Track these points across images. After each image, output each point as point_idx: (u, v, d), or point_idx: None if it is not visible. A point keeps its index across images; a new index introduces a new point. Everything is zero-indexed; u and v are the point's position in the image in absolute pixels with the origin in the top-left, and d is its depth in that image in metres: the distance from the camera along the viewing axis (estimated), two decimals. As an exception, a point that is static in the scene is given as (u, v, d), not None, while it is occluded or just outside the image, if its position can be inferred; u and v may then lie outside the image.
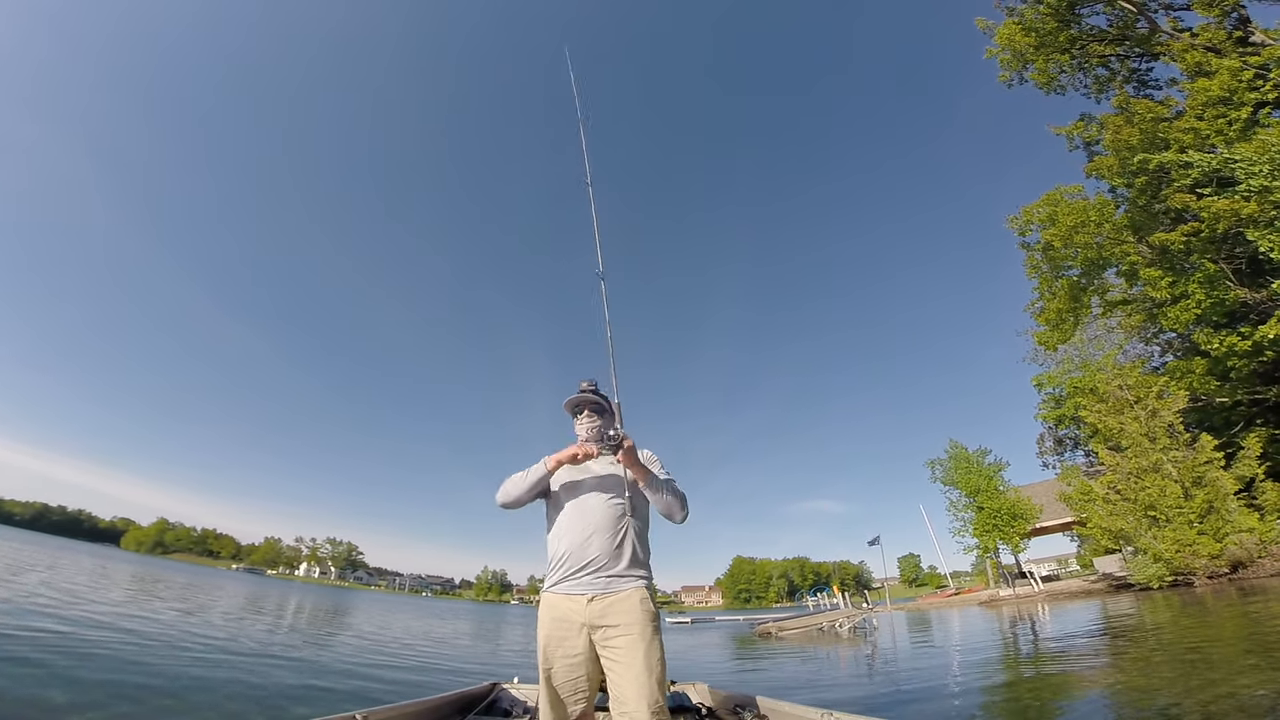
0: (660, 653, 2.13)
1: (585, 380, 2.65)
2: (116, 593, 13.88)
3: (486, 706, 3.46)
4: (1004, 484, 31.81)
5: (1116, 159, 13.29)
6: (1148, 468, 16.65)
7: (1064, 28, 15.56)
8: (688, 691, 3.78)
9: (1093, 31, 15.83)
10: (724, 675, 9.12)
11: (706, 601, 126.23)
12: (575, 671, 2.19)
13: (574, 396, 2.62)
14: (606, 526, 2.31)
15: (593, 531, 2.30)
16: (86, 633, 7.00)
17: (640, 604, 2.20)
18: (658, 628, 2.19)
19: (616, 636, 2.15)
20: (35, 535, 73.22)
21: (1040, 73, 16.23)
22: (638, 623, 2.15)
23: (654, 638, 2.15)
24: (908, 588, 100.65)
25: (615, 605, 2.19)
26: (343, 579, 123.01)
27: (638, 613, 2.17)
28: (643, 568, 2.32)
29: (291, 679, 6.24)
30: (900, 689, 6.33)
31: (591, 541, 2.29)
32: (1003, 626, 14.04)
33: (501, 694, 3.65)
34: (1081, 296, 16.49)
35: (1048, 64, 16.09)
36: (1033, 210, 15.66)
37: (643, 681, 2.04)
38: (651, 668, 2.08)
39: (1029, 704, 5.20)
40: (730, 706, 3.30)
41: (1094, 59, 15.82)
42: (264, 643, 9.13)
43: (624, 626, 2.15)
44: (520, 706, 3.46)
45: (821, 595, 39.74)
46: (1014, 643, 10.52)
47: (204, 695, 5.05)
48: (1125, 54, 15.65)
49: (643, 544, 2.37)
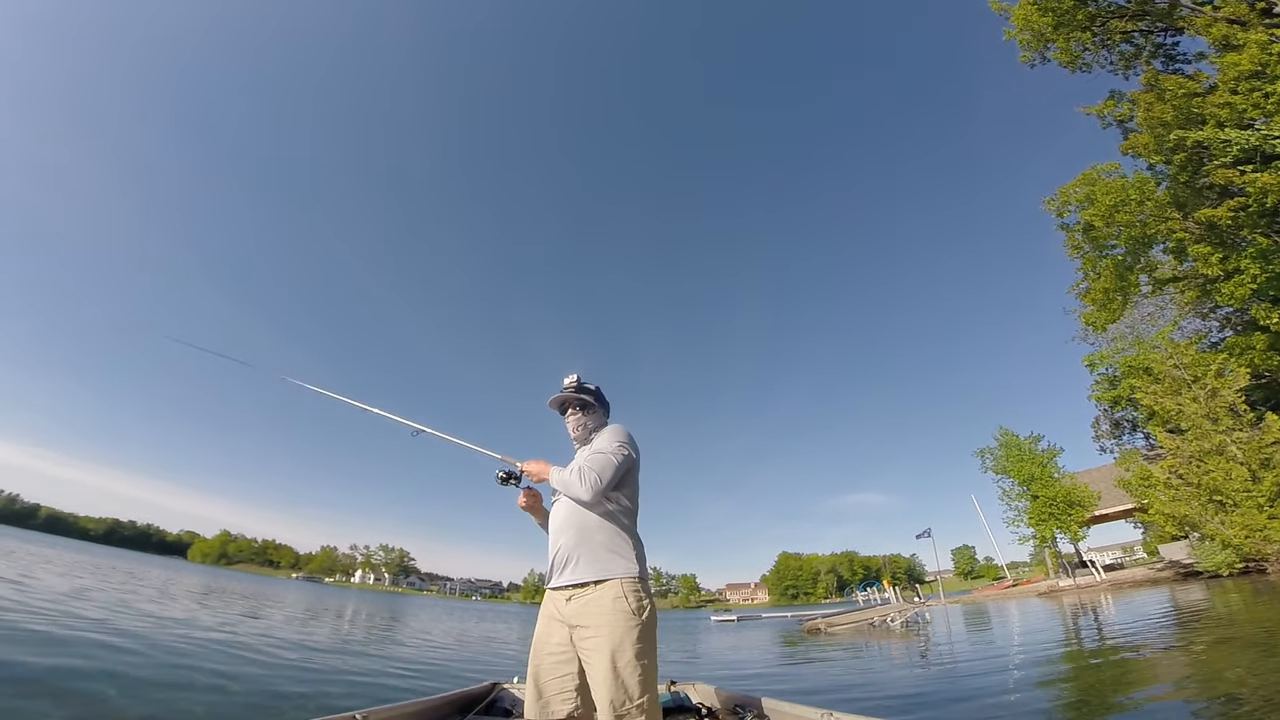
0: (633, 653, 2.01)
1: (568, 375, 2.62)
2: (234, 608, 14.71)
3: (486, 706, 3.43)
4: (1058, 471, 30.73)
5: (1152, 136, 12.80)
6: (1211, 450, 15.91)
7: (1081, 5, 15.11)
8: (688, 691, 3.74)
9: (1111, 8, 15.33)
10: (769, 674, 9.03)
11: (753, 599, 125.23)
12: (560, 670, 2.16)
13: (556, 396, 2.60)
14: (572, 523, 2.30)
15: (563, 528, 2.32)
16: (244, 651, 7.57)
17: (612, 602, 2.11)
18: (635, 625, 2.07)
19: (588, 637, 2.10)
20: (109, 550, 75.42)
21: (1063, 51, 15.77)
22: (606, 623, 2.07)
23: (625, 637, 2.04)
24: (962, 580, 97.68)
25: (589, 604, 2.14)
26: (396, 585, 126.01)
27: (608, 612, 2.09)
28: (620, 560, 2.21)
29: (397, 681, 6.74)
30: (956, 684, 6.20)
31: (563, 538, 2.30)
32: (1063, 618, 13.63)
33: (501, 694, 3.63)
34: (1128, 275, 15.88)
35: (1069, 42, 15.64)
36: (1069, 191, 15.20)
37: (607, 684, 1.97)
38: (618, 670, 1.98)
39: (1091, 695, 5.09)
40: (731, 706, 3.27)
41: (1116, 35, 15.28)
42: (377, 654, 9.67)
43: (593, 627, 2.09)
44: (520, 706, 3.40)
45: (871, 590, 39.06)
46: (1075, 633, 10.22)
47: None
48: (1148, 29, 15.07)
49: (617, 536, 2.27)
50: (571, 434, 2.60)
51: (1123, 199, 13.80)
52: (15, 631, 5.95)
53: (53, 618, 7.25)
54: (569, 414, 2.61)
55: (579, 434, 2.57)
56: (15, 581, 10.87)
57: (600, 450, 2.33)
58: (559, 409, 2.65)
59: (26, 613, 7.38)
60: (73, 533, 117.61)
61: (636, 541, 2.32)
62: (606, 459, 2.27)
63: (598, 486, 2.20)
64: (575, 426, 2.58)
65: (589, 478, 2.20)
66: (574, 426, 2.58)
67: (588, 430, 2.55)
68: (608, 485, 2.25)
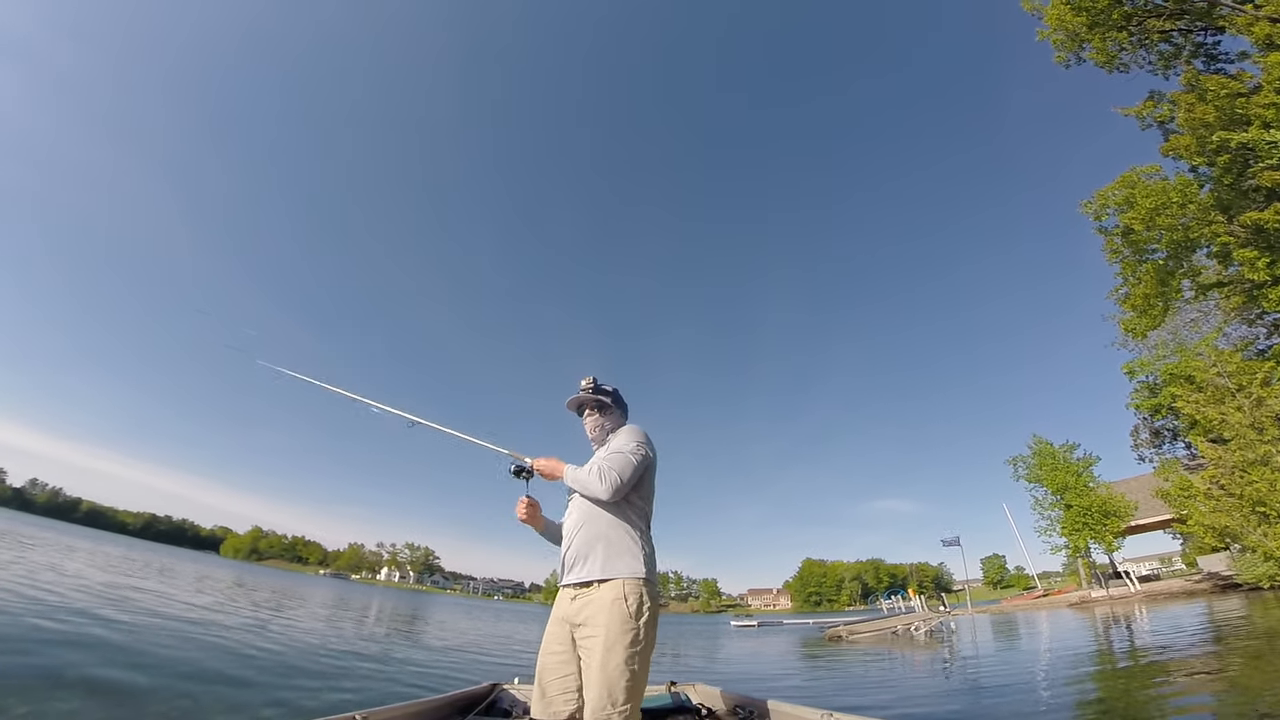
0: (623, 657, 1.97)
1: (585, 378, 2.59)
2: (308, 609, 15.09)
3: (487, 707, 3.43)
4: (1094, 480, 29.91)
5: (1194, 138, 12.34)
6: (1255, 460, 15.30)
7: (1117, 4, 14.64)
8: (688, 692, 3.74)
9: (1148, 7, 14.85)
10: (784, 682, 8.89)
11: (774, 604, 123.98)
12: (563, 669, 2.15)
13: (574, 397, 2.59)
14: (585, 521, 2.30)
15: (576, 527, 2.32)
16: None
17: (611, 603, 2.08)
18: (630, 629, 2.03)
19: (586, 636, 2.10)
20: (146, 544, 78.13)
21: (1099, 52, 15.32)
22: (603, 624, 2.05)
23: (619, 640, 2.01)
24: (992, 590, 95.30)
25: (590, 603, 2.13)
26: (421, 583, 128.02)
27: (605, 613, 2.06)
28: (626, 560, 2.18)
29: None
30: (981, 698, 6.06)
31: (575, 537, 2.30)
32: (1094, 629, 13.36)
33: (502, 694, 3.64)
34: (1169, 280, 15.33)
35: (1105, 42, 15.19)
36: (1108, 193, 14.76)
37: (594, 685, 1.95)
38: (610, 672, 1.95)
39: (1120, 710, 4.98)
40: (730, 707, 3.28)
41: (1154, 35, 14.78)
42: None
43: (591, 626, 2.09)
44: (520, 707, 3.46)
45: (896, 598, 38.42)
46: (1106, 646, 10.00)
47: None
48: (1187, 28, 14.55)
49: (627, 536, 2.23)
50: (589, 435, 2.59)
51: (1164, 202, 13.35)
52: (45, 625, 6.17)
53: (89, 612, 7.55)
54: (586, 415, 2.60)
55: (597, 435, 2.56)
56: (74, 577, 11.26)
57: (619, 450, 2.31)
58: (576, 410, 2.65)
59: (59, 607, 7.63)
60: (112, 526, 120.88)
61: (647, 543, 2.29)
62: (626, 459, 2.26)
63: (618, 485, 2.19)
64: (593, 428, 2.57)
65: (609, 477, 2.19)
66: (591, 427, 2.58)
67: (605, 431, 2.54)
68: (627, 485, 2.23)
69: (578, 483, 2.29)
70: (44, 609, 6.82)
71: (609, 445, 2.41)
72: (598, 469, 2.23)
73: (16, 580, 9.07)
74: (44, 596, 7.84)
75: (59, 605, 7.27)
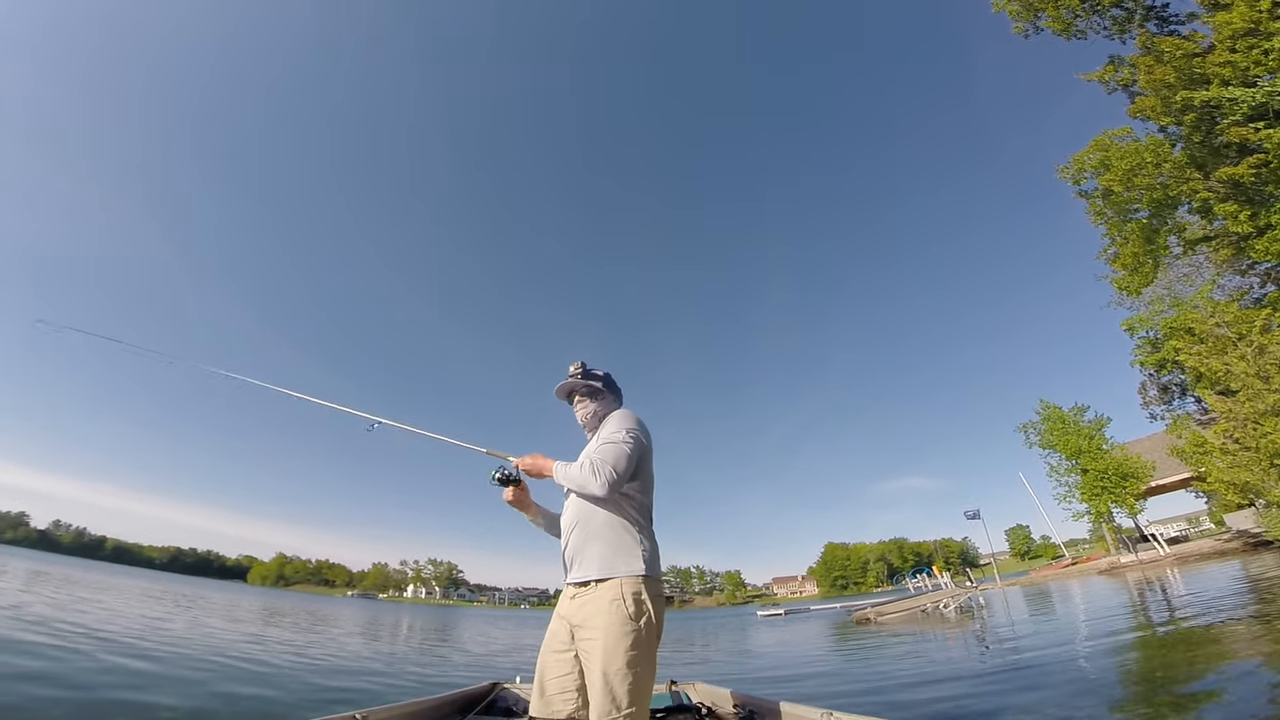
0: (624, 660, 1.90)
1: (573, 363, 2.48)
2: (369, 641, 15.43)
3: (487, 706, 3.41)
4: (1107, 442, 29.75)
5: (1158, 99, 12.49)
6: (1267, 411, 15.19)
7: None
8: (688, 691, 3.73)
9: None
10: (814, 670, 8.38)
11: (800, 591, 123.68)
12: (562, 669, 2.09)
13: (562, 383, 2.47)
14: (580, 518, 2.20)
15: (572, 524, 2.23)
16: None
17: (609, 604, 2.00)
18: (630, 631, 1.95)
19: (585, 638, 2.03)
20: (174, 576, 77.19)
21: (1055, 20, 15.52)
22: (602, 626, 1.97)
23: (619, 643, 1.93)
24: (1019, 561, 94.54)
25: (588, 604, 2.06)
26: (447, 597, 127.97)
27: (604, 615, 1.98)
28: (624, 558, 2.08)
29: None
30: (1019, 672, 5.76)
31: (572, 535, 2.22)
32: (1127, 595, 13.13)
33: (502, 694, 3.63)
34: (1155, 238, 15.43)
35: (1059, 10, 15.40)
36: (1083, 157, 14.93)
37: (596, 690, 1.89)
38: (607, 676, 1.89)
39: (1163, 676, 4.78)
40: (730, 706, 3.26)
41: (1106, 1, 14.89)
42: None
43: (590, 628, 2.01)
44: (521, 706, 3.43)
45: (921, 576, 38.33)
46: (1143, 612, 9.62)
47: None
48: None
49: (624, 532, 2.13)
50: (581, 423, 2.47)
51: (1138, 162, 13.48)
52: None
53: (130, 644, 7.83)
54: (577, 402, 2.48)
55: (589, 422, 2.43)
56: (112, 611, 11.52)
57: (609, 440, 2.16)
58: (566, 398, 2.52)
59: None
60: (138, 562, 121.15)
61: (647, 537, 2.16)
62: (618, 449, 2.11)
63: (613, 479, 2.05)
64: (585, 415, 2.44)
65: (604, 471, 2.05)
66: (583, 415, 2.45)
67: (598, 418, 2.39)
68: (624, 477, 2.09)
69: (570, 480, 2.15)
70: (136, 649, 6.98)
71: (599, 434, 2.27)
72: (590, 464, 2.09)
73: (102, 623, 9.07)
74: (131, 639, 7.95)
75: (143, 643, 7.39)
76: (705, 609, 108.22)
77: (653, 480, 2.31)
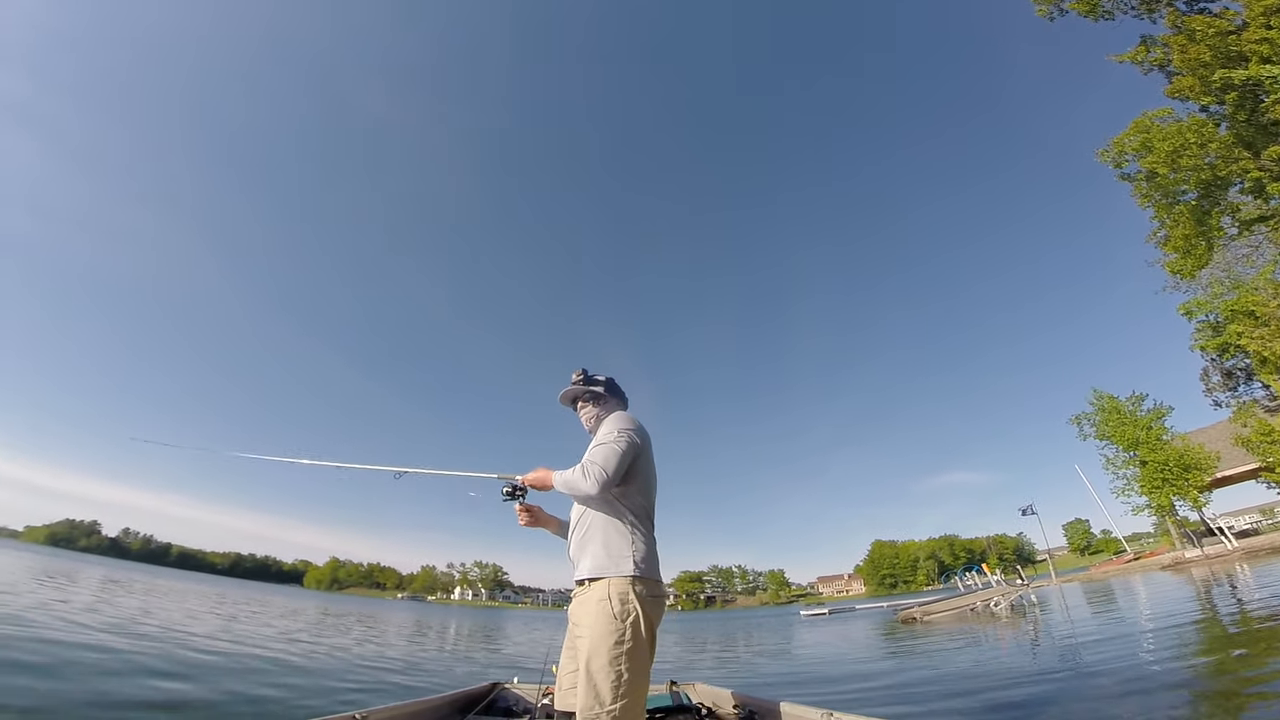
0: (607, 658, 1.95)
1: (575, 371, 2.56)
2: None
3: (486, 706, 3.43)
4: (1167, 432, 28.26)
5: (1196, 78, 11.92)
6: (1338, 396, 14.32)
7: None
8: (688, 692, 3.74)
9: None
10: (844, 676, 8.09)
11: (847, 591, 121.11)
12: (569, 666, 2.22)
13: (565, 390, 2.57)
14: (574, 520, 2.34)
15: (574, 526, 2.35)
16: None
17: (597, 604, 2.06)
18: (614, 630, 1.99)
19: (578, 636, 2.13)
20: (238, 581, 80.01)
21: (1080, 1, 14.99)
22: (589, 625, 2.04)
23: (603, 641, 1.98)
24: (1079, 557, 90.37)
25: (582, 603, 2.16)
26: (493, 599, 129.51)
27: (592, 614, 2.05)
28: (614, 558, 2.13)
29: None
30: (1076, 678, 5.42)
31: (570, 541, 2.33)
32: (1195, 592, 12.46)
33: (502, 694, 3.64)
34: (1206, 219, 14.66)
35: None
36: (1123, 140, 14.32)
37: (585, 686, 1.94)
38: (591, 673, 1.94)
39: (1231, 681, 4.44)
40: (730, 706, 3.28)
41: None
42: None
43: (581, 627, 2.10)
44: (521, 706, 3.45)
45: (971, 574, 37.18)
46: (1210, 610, 9.10)
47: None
48: None
49: (617, 533, 2.19)
50: (586, 428, 2.55)
51: (1181, 143, 12.88)
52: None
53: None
54: (580, 408, 2.57)
55: (592, 426, 2.51)
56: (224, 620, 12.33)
57: (601, 441, 2.23)
58: (570, 404, 2.61)
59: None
60: (202, 567, 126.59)
61: (640, 538, 2.19)
62: (609, 449, 2.16)
63: (603, 479, 2.10)
64: (587, 420, 2.53)
65: (593, 471, 2.11)
66: (586, 420, 2.54)
67: (600, 421, 2.47)
68: (614, 477, 2.13)
69: (566, 485, 2.22)
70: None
71: (595, 436, 2.35)
72: (581, 465, 2.17)
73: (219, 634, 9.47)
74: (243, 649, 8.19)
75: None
76: (748, 608, 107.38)
77: (652, 481, 2.35)
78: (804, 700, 2.86)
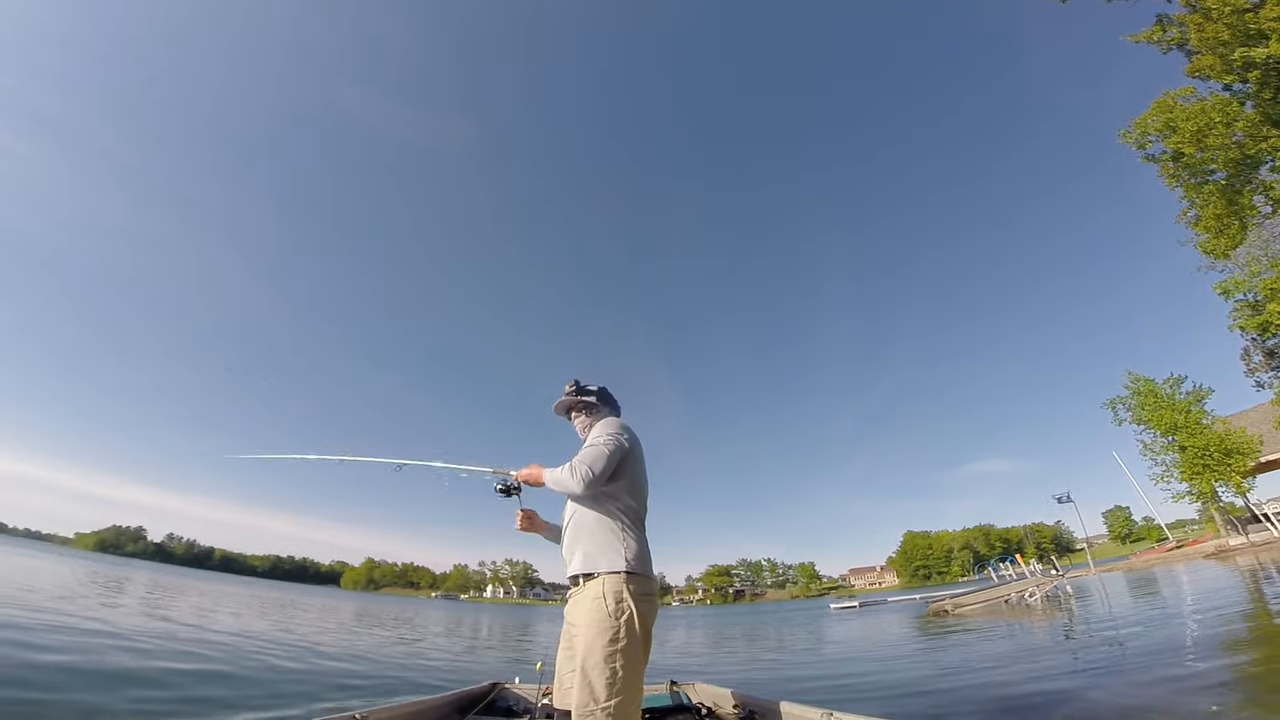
0: (602, 655, 1.99)
1: (568, 382, 2.66)
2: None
3: (486, 706, 3.44)
4: (1207, 415, 27.35)
5: (1216, 57, 11.58)
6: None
7: None
8: (688, 692, 3.75)
9: None
10: (869, 668, 8.04)
11: (879, 583, 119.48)
12: (567, 665, 2.24)
13: (560, 401, 2.67)
14: (566, 519, 2.42)
15: (566, 525, 2.41)
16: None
17: (591, 601, 2.11)
18: (609, 627, 2.03)
19: (573, 634, 2.18)
20: (277, 583, 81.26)
21: None
22: (584, 622, 2.09)
23: (598, 638, 2.02)
24: (1120, 545, 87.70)
25: (577, 601, 2.21)
26: (523, 596, 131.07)
27: (586, 611, 2.10)
28: (607, 556, 2.19)
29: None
30: (1111, 670, 5.23)
31: (566, 535, 2.40)
32: (1242, 581, 12.12)
33: (502, 693, 3.65)
34: (1238, 198, 14.23)
35: None
36: (1145, 121, 13.97)
37: (580, 683, 1.98)
38: (586, 670, 1.98)
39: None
40: (730, 706, 3.28)
41: None
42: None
43: (576, 624, 2.16)
44: (521, 705, 3.46)
45: (1005, 564, 36.46)
46: (1258, 600, 8.75)
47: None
48: None
49: (609, 531, 2.26)
50: (581, 437, 2.63)
51: (1206, 123, 12.53)
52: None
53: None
54: (574, 418, 2.68)
55: (585, 434, 2.60)
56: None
57: (589, 443, 2.34)
58: (564, 414, 2.72)
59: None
60: (244, 570, 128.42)
61: (633, 537, 2.26)
62: (596, 450, 2.27)
63: (589, 478, 2.19)
64: (581, 428, 2.64)
65: (579, 470, 2.20)
66: (580, 428, 2.65)
67: (592, 429, 2.57)
68: (601, 476, 2.22)
69: (556, 482, 2.32)
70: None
71: (586, 441, 2.46)
72: (569, 465, 2.27)
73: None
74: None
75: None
76: (778, 602, 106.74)
77: (641, 483, 2.43)
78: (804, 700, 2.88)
